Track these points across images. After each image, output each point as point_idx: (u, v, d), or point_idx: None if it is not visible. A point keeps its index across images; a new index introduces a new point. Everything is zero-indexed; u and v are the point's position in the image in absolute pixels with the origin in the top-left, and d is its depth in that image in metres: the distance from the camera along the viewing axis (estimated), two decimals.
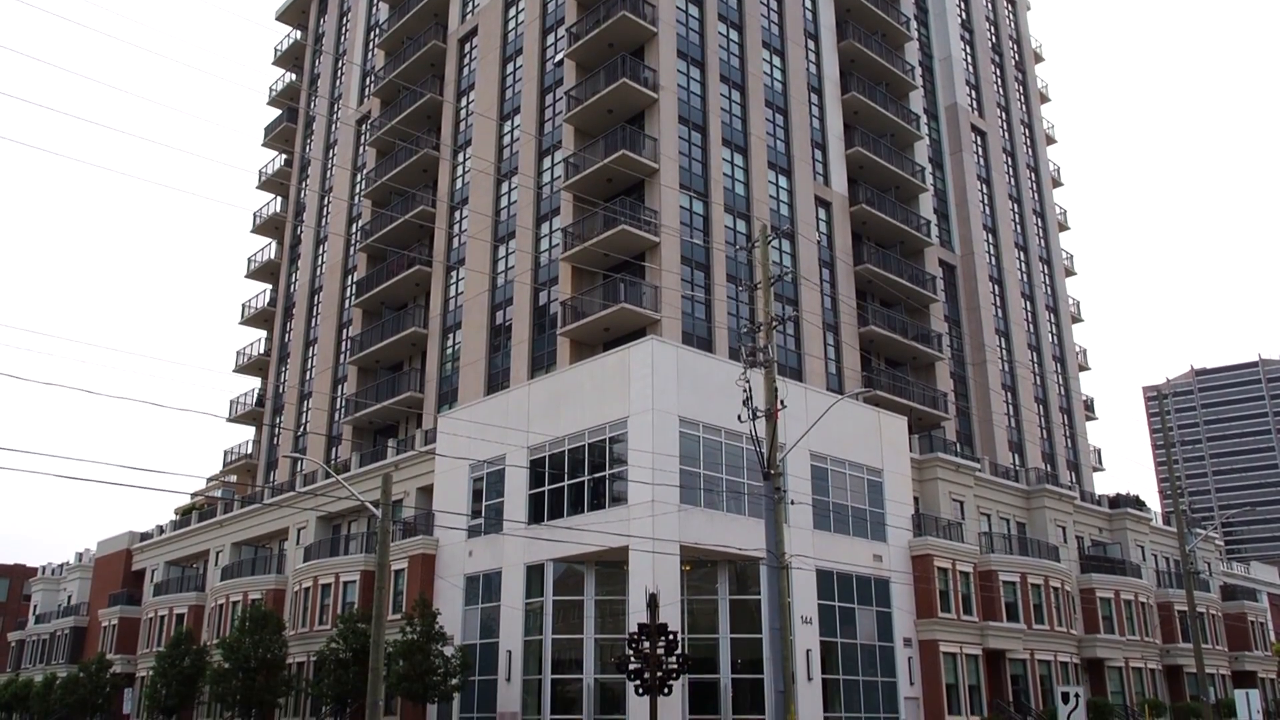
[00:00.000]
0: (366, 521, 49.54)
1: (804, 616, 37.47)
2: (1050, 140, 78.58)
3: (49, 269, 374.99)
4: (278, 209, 73.87)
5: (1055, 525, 54.53)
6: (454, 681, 36.17)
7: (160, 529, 69.60)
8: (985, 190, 67.89)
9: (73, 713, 54.61)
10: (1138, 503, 63.14)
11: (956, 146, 66.18)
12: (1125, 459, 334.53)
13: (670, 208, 46.08)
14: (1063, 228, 76.33)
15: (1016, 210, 70.85)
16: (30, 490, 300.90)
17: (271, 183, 75.25)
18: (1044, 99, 79.85)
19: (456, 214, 56.30)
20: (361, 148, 65.61)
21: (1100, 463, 71.85)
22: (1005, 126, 72.89)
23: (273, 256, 73.54)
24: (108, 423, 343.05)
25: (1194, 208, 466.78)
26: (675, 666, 31.44)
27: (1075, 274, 76.32)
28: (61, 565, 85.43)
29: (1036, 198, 74.03)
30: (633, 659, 31.33)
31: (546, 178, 50.81)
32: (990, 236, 66.82)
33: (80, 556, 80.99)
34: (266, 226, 74.25)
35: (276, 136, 75.28)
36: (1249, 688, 47.03)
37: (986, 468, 53.51)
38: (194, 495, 70.78)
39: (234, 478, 71.12)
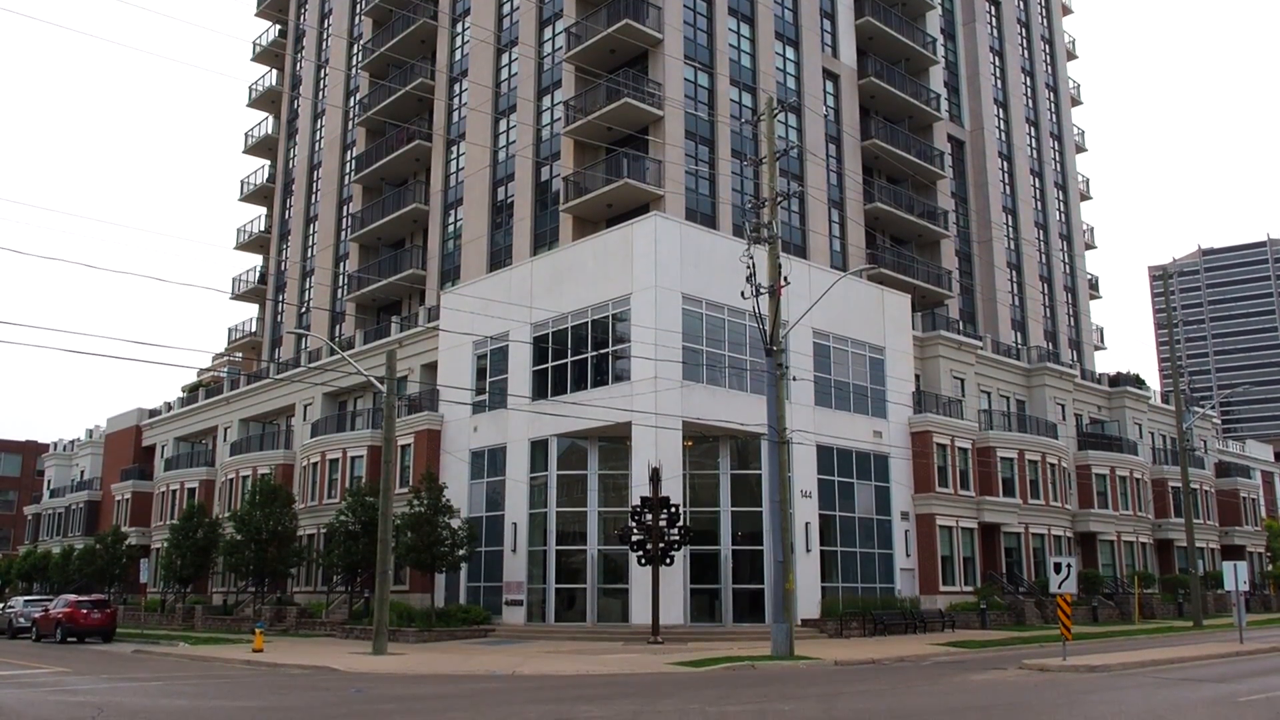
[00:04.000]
0: (372, 398, 49.99)
1: (804, 490, 38.13)
2: (1066, 10, 76.27)
3: (46, 142, 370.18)
4: (273, 82, 72.30)
5: (1055, 403, 55.00)
6: (461, 552, 37.03)
7: (168, 406, 70.40)
8: (997, 63, 66.23)
9: (91, 581, 56.19)
10: (1138, 381, 63.55)
11: (969, 16, 64.28)
12: (1128, 338, 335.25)
13: (674, 80, 45.07)
14: (1075, 102, 74.71)
15: (1028, 84, 69.25)
16: (37, 367, 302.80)
17: (267, 54, 73.42)
18: None
19: (456, 86, 55.12)
20: (357, 17, 63.80)
21: (1102, 341, 72.06)
22: None
23: (270, 132, 72.34)
24: (108, 300, 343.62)
25: (1210, 84, 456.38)
26: (677, 538, 32.19)
27: (1086, 150, 75.07)
28: (73, 441, 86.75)
29: (1049, 71, 72.25)
30: (635, 531, 32.06)
31: (548, 49, 49.55)
32: (1001, 111, 65.48)
33: (91, 433, 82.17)
34: (263, 100, 72.80)
35: (271, 5, 73.12)
36: (1238, 560, 47.99)
37: (988, 345, 53.66)
38: (200, 372, 71.39)
39: (239, 355, 71.56)
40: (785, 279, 28.86)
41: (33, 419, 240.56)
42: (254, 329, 69.91)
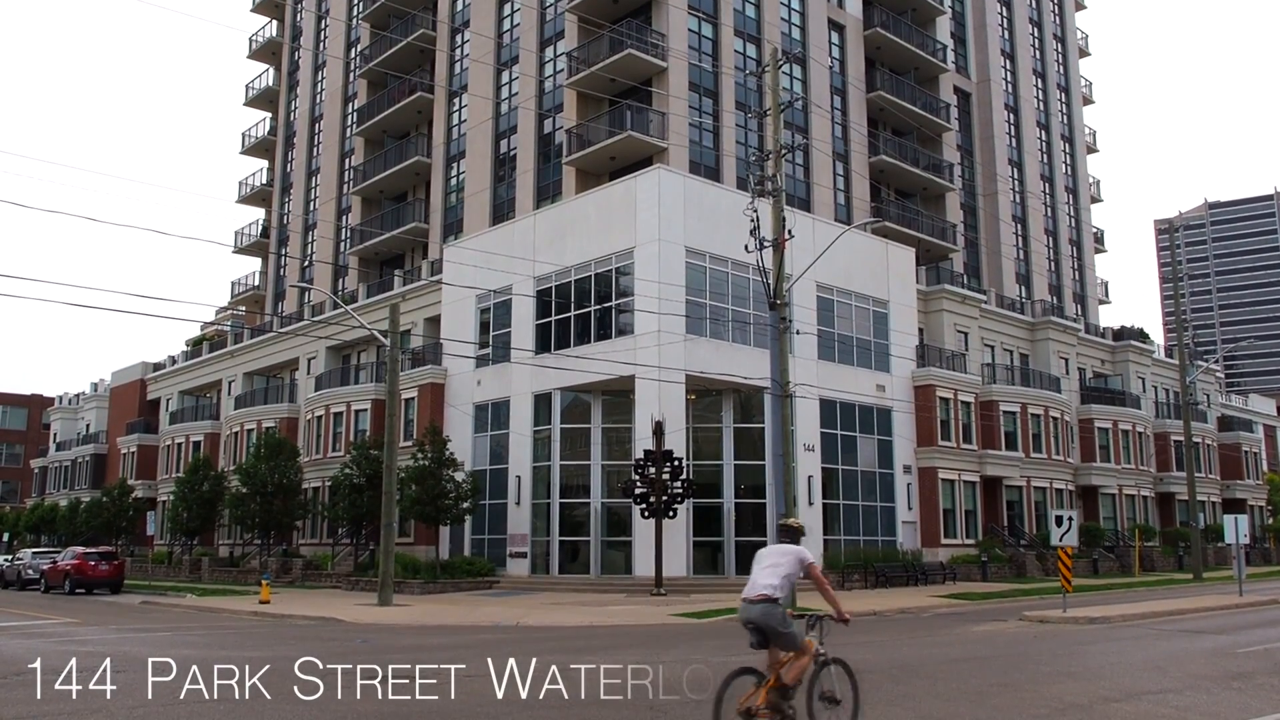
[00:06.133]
0: (376, 351, 49.97)
1: (806, 444, 38.23)
2: None
3: (46, 95, 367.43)
4: (273, 33, 71.51)
5: (1058, 357, 54.96)
6: (465, 505, 37.23)
7: (172, 359, 70.50)
8: (1005, 13, 65.35)
9: (98, 534, 56.62)
10: (1142, 335, 63.43)
11: None
12: (1132, 292, 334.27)
13: (678, 30, 44.52)
14: (1083, 54, 73.80)
15: (1036, 35, 68.36)
16: (42, 321, 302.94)
17: (267, 4, 72.49)
18: None
19: (458, 38, 54.51)
20: None
21: (1107, 296, 71.83)
22: None
23: (271, 84, 71.68)
24: (112, 255, 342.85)
25: (1218, 36, 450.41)
26: (680, 491, 32.33)
27: (1093, 103, 74.30)
28: (78, 395, 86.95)
29: (1058, 21, 71.29)
30: (639, 484, 32.20)
31: None
32: (1008, 62, 64.70)
33: (96, 387, 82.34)
34: (263, 52, 72.04)
35: None
36: (1238, 514, 48.26)
37: (993, 299, 53.50)
38: (204, 326, 71.41)
39: (243, 309, 71.52)
40: (789, 232, 28.64)
41: (38, 373, 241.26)
42: (257, 283, 69.78)
